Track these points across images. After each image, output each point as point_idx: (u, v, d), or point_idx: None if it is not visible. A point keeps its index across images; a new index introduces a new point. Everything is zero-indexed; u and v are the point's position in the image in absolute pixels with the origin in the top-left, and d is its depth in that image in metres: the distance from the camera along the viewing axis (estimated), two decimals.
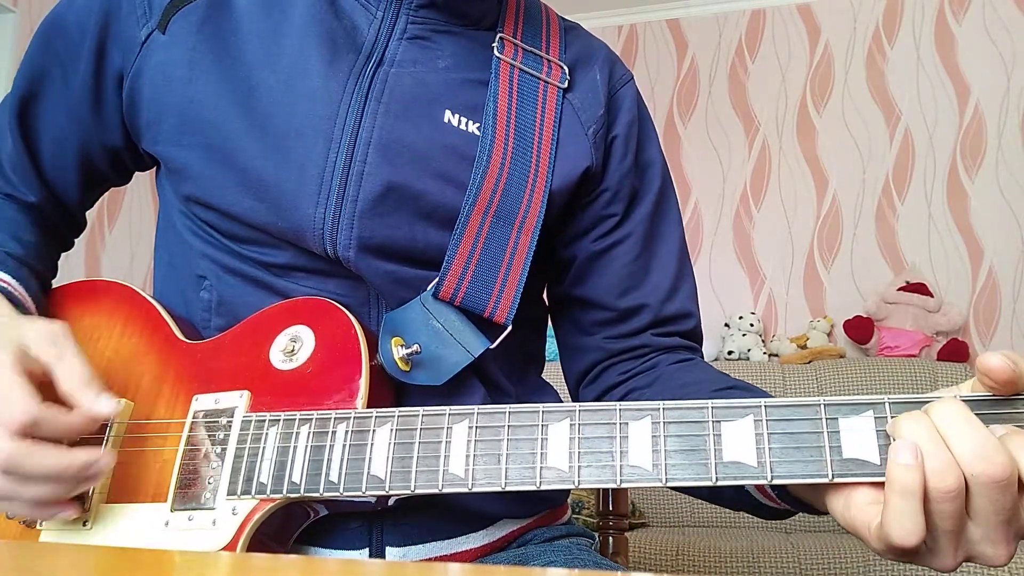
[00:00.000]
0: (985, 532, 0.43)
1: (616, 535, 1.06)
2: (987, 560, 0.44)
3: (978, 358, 0.44)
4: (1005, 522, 0.43)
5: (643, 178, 0.78)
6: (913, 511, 0.42)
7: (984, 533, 0.43)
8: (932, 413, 0.44)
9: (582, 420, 0.51)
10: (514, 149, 0.69)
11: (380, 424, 0.54)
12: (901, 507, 0.43)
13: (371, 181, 0.65)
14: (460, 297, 0.65)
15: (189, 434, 0.59)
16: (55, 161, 0.74)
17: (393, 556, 0.66)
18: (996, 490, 0.42)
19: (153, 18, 0.69)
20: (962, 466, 0.42)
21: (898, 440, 0.44)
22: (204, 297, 0.69)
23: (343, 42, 0.68)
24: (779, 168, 3.19)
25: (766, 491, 0.55)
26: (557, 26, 0.79)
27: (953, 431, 0.43)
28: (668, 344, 0.76)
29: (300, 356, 0.61)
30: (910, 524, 0.42)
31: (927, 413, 0.45)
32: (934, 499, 0.42)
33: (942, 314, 2.83)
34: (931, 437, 0.43)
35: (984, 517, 0.43)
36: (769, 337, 3.06)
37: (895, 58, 3.13)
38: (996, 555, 0.44)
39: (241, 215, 0.66)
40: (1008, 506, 0.42)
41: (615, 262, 0.75)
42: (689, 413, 0.49)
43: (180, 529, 0.56)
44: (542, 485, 0.50)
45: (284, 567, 0.37)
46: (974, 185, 2.96)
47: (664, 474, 0.48)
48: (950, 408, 0.44)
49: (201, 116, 0.66)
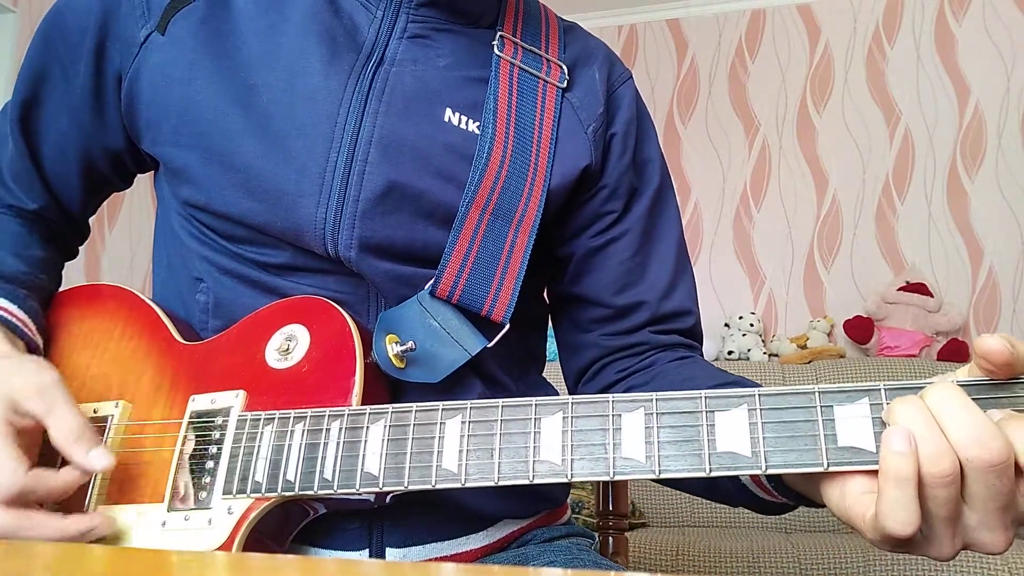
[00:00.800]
0: (982, 518, 0.43)
1: (616, 535, 1.05)
2: (985, 547, 0.43)
3: (976, 340, 0.44)
4: (1002, 508, 0.42)
5: (641, 175, 0.78)
6: (907, 499, 0.42)
7: (981, 519, 0.43)
8: (927, 398, 0.43)
9: (575, 413, 0.50)
10: (513, 147, 0.69)
11: (374, 421, 0.54)
12: (895, 495, 0.42)
13: (372, 180, 0.65)
14: (457, 295, 0.65)
15: (186, 434, 0.59)
16: (57, 166, 0.74)
17: (393, 557, 0.66)
18: (992, 475, 0.41)
19: (152, 19, 0.69)
20: (957, 451, 0.41)
21: (891, 427, 0.43)
22: (201, 299, 0.69)
23: (343, 41, 0.68)
24: (779, 168, 3.19)
25: (763, 484, 0.55)
26: (556, 26, 0.79)
27: (948, 416, 0.42)
28: (667, 342, 0.76)
29: (295, 355, 0.61)
30: (904, 513, 0.42)
31: (922, 398, 0.44)
32: (929, 484, 0.42)
33: (942, 314, 2.83)
34: (926, 422, 0.42)
35: (980, 503, 0.42)
36: (769, 337, 3.06)
37: (895, 58, 3.13)
38: (994, 542, 0.43)
39: (240, 216, 0.65)
40: (1005, 491, 0.41)
41: (612, 259, 0.75)
42: (682, 404, 0.49)
43: (177, 529, 0.56)
44: (535, 479, 0.49)
45: (282, 567, 0.37)
46: (974, 185, 2.96)
47: (657, 465, 0.48)
48: (945, 392, 0.43)
49: (200, 116, 0.66)
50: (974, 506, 0.42)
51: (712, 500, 0.64)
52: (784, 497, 0.55)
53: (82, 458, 0.54)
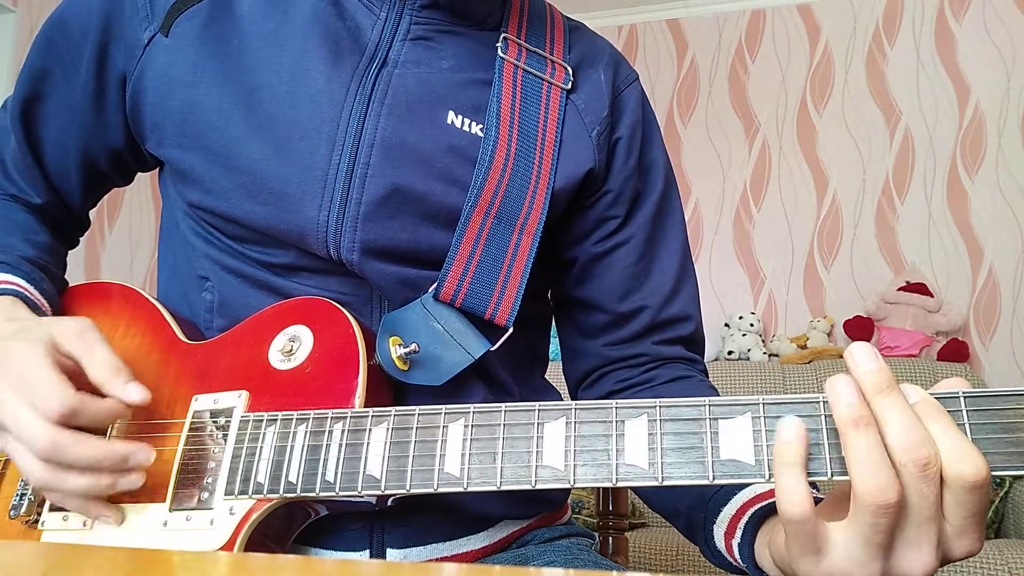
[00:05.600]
0: (915, 535, 0.43)
1: (616, 535, 1.06)
2: (920, 566, 0.43)
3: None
4: (931, 518, 0.43)
5: (646, 180, 0.78)
6: (797, 478, 0.43)
7: (914, 535, 0.43)
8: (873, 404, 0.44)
9: (578, 419, 0.50)
10: (517, 150, 0.69)
11: (376, 423, 0.54)
12: (784, 482, 0.44)
13: (374, 183, 0.65)
14: (460, 299, 0.65)
15: (188, 434, 0.59)
16: (58, 163, 0.74)
17: (394, 557, 0.66)
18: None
19: (155, 20, 0.69)
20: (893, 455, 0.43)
21: (784, 419, 0.45)
22: (206, 298, 0.69)
23: (346, 43, 0.68)
24: (779, 168, 3.19)
25: (732, 552, 0.56)
26: (561, 26, 0.78)
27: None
28: (668, 355, 0.76)
29: (298, 356, 0.61)
30: (792, 493, 0.43)
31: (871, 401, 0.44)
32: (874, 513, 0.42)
33: (942, 314, 2.83)
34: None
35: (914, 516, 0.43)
36: (769, 337, 3.06)
37: (895, 58, 3.13)
38: (920, 561, 0.43)
39: (244, 218, 0.65)
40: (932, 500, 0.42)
41: (616, 264, 0.75)
42: (686, 411, 0.49)
43: (178, 529, 0.56)
44: (537, 484, 0.49)
45: (282, 567, 0.37)
46: (974, 185, 2.96)
47: (660, 472, 0.48)
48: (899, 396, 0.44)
49: (204, 119, 0.66)
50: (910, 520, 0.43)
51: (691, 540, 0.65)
52: (744, 563, 0.55)
53: (120, 390, 0.56)
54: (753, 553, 0.54)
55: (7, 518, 0.60)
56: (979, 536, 0.44)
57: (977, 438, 0.43)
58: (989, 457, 0.42)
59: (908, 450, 0.42)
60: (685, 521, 0.65)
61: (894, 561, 0.44)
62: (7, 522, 0.60)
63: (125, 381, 0.56)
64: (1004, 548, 1.77)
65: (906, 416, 0.43)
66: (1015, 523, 2.22)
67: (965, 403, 0.44)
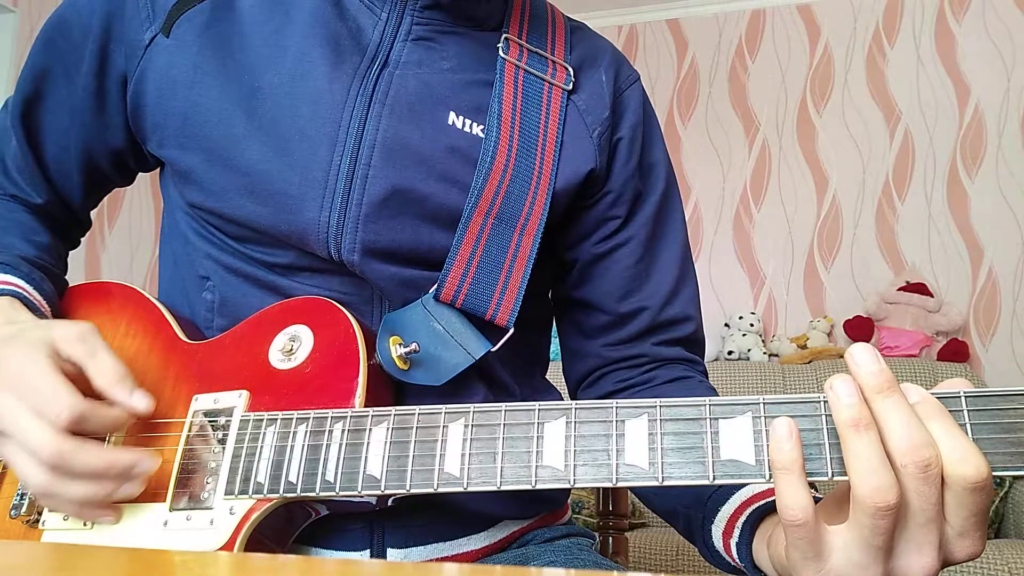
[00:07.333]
0: (914, 535, 0.43)
1: (616, 535, 1.06)
2: (921, 569, 0.43)
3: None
4: (931, 520, 0.42)
5: (647, 180, 0.78)
6: (795, 483, 0.43)
7: (913, 536, 0.43)
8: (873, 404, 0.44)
9: (578, 418, 0.50)
10: (518, 151, 0.69)
11: (376, 423, 0.54)
12: (783, 488, 0.43)
13: (375, 184, 0.65)
14: (461, 300, 0.65)
15: (188, 434, 0.59)
16: (59, 163, 0.74)
17: (394, 557, 0.66)
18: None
19: (157, 21, 0.69)
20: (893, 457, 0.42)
21: (776, 421, 0.45)
22: (207, 298, 0.69)
23: (347, 44, 0.68)
24: (779, 168, 3.19)
25: (731, 551, 0.56)
26: (563, 27, 0.78)
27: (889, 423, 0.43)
28: (667, 356, 0.76)
29: (299, 355, 0.61)
30: (791, 498, 0.43)
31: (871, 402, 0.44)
32: (875, 516, 0.42)
33: (942, 314, 2.83)
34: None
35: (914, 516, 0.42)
36: (769, 337, 3.06)
37: (895, 58, 3.13)
38: (920, 564, 0.43)
39: (245, 218, 0.65)
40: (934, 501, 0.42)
41: (617, 265, 0.75)
42: (686, 411, 0.49)
43: (178, 529, 0.56)
44: (537, 484, 0.49)
45: (282, 567, 0.37)
46: (974, 185, 2.96)
47: (661, 473, 0.47)
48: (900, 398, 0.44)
49: (205, 119, 0.66)
50: (907, 523, 0.43)
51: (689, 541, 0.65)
52: (742, 563, 0.55)
53: (125, 398, 0.55)
54: (751, 552, 0.54)
55: (7, 518, 0.60)
56: (981, 538, 0.43)
57: (978, 438, 0.43)
58: (990, 457, 0.42)
59: (909, 452, 0.42)
60: (684, 522, 0.65)
61: (895, 564, 0.43)
62: (7, 522, 0.60)
63: (131, 389, 0.56)
64: (1004, 548, 1.77)
65: (907, 417, 0.43)
66: (1015, 523, 2.22)
67: (966, 403, 0.44)
